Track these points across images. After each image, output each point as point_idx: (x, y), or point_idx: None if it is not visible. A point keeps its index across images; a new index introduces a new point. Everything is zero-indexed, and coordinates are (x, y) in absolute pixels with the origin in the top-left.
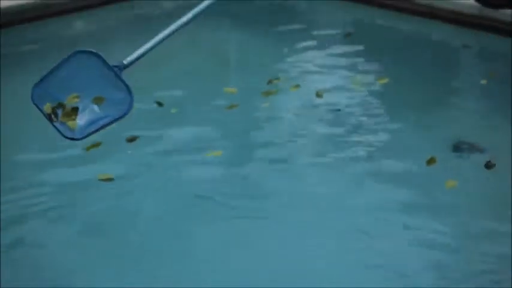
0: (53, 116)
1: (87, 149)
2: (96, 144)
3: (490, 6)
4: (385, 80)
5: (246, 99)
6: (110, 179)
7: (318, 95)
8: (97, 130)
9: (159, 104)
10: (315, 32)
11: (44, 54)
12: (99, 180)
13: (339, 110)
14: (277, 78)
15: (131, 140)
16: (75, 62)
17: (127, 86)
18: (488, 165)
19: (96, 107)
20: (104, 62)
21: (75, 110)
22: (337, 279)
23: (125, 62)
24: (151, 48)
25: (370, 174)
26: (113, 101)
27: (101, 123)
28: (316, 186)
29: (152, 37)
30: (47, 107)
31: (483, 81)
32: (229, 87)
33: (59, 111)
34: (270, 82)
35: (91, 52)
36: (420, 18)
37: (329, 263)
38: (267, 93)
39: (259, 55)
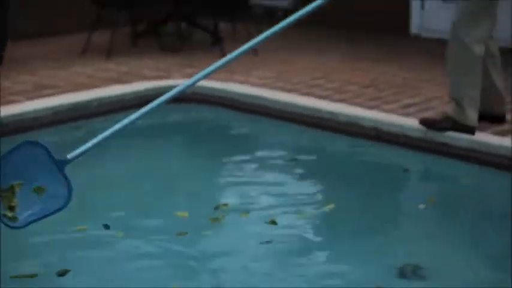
0: None
1: None
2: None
3: (434, 129)
4: (331, 206)
5: (194, 225)
6: None
7: (268, 222)
8: (37, 220)
9: (106, 226)
10: (260, 156)
11: None
12: None
13: (270, 241)
14: (225, 204)
15: (62, 273)
16: (22, 152)
17: (68, 182)
18: None
19: (36, 197)
20: (49, 154)
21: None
22: None
23: (68, 156)
24: (95, 145)
25: None
26: (53, 194)
27: (40, 213)
28: None
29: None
30: None
31: (421, 206)
32: (177, 211)
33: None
34: (217, 208)
35: (38, 143)
36: (366, 141)
37: None
38: (215, 220)
39: (205, 180)
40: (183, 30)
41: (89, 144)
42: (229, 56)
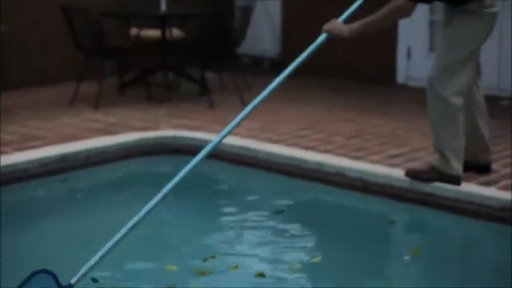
0: None
1: None
2: None
3: (420, 180)
4: (318, 259)
5: (183, 278)
6: None
7: (256, 275)
8: None
9: (94, 280)
10: (248, 208)
11: None
12: None
13: None
14: (213, 256)
15: None
16: (33, 282)
17: None
18: None
19: None
20: (56, 281)
21: None
22: None
23: (71, 281)
24: (95, 264)
25: None
26: None
27: None
28: None
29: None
30: None
31: (406, 257)
32: (166, 264)
33: None
34: (205, 260)
35: (46, 271)
36: (352, 192)
37: None
38: (203, 273)
39: (193, 232)
40: (170, 81)
41: (89, 264)
42: (250, 105)
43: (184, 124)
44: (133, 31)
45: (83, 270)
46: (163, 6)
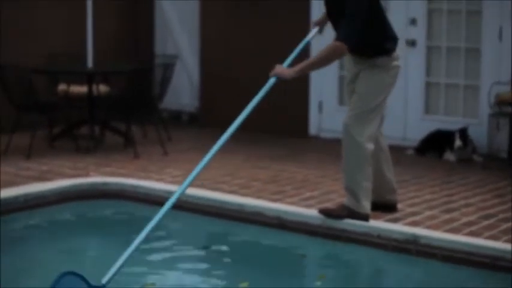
0: None
1: None
2: None
3: (332, 218)
4: (246, 284)
5: None
6: None
7: None
8: None
9: None
10: (180, 246)
11: None
12: None
13: None
14: (152, 284)
15: None
16: (61, 283)
17: None
18: None
19: None
20: (86, 281)
21: None
22: None
23: (103, 281)
24: (125, 263)
25: None
26: None
27: None
28: None
29: None
30: None
31: (317, 283)
32: None
33: None
34: (145, 285)
35: (73, 273)
36: (270, 229)
37: None
38: None
39: (130, 267)
40: (95, 134)
41: (118, 264)
42: (208, 155)
43: (113, 172)
44: (62, 86)
45: (113, 269)
46: (89, 64)
